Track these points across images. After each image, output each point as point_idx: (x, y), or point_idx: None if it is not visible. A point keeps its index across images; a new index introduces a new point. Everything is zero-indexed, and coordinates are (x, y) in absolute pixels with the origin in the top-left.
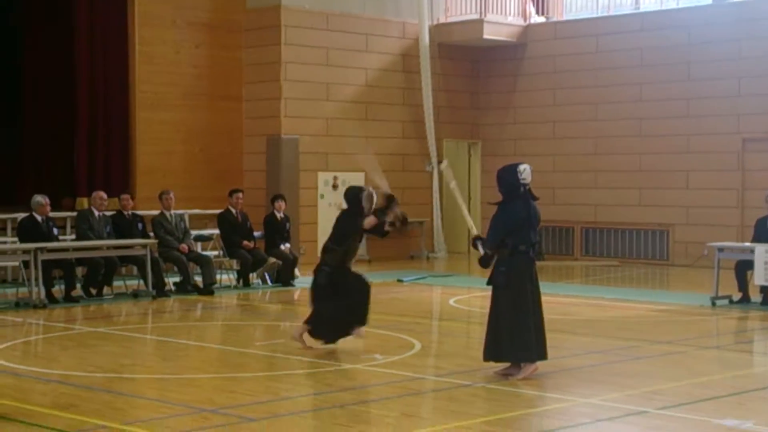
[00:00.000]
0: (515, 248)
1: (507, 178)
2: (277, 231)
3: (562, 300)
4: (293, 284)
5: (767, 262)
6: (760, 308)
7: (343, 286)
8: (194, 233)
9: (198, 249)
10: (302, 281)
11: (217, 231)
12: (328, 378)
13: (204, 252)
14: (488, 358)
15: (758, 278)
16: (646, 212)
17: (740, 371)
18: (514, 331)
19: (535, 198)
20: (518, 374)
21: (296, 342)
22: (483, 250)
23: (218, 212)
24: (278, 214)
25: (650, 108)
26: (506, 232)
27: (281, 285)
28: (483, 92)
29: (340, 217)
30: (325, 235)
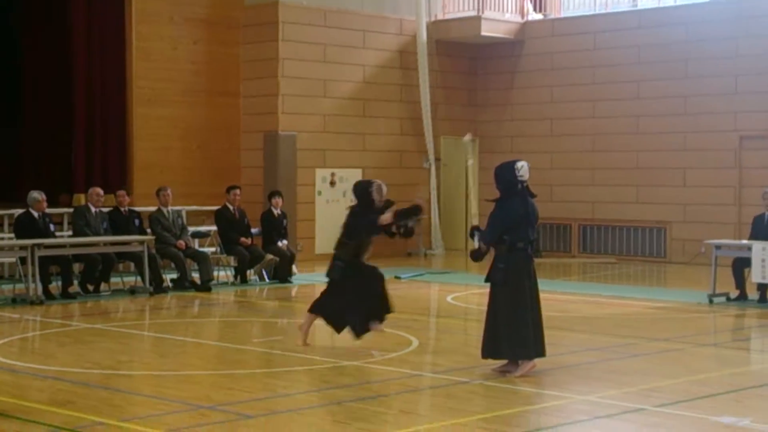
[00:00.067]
0: (513, 245)
1: (505, 175)
2: (275, 228)
3: (560, 297)
4: (290, 281)
5: (764, 260)
6: (757, 305)
7: (358, 280)
8: (191, 230)
9: (195, 245)
10: (299, 278)
11: (215, 227)
12: (326, 375)
13: (201, 248)
14: (486, 356)
15: (755, 275)
16: (644, 209)
17: (737, 368)
18: (512, 328)
19: (533, 195)
20: (516, 371)
21: (300, 332)
22: (477, 244)
23: (215, 209)
24: (275, 211)
25: (648, 105)
26: (504, 230)
27: (278, 282)
28: (480, 89)
29: (353, 212)
30: (323, 232)
